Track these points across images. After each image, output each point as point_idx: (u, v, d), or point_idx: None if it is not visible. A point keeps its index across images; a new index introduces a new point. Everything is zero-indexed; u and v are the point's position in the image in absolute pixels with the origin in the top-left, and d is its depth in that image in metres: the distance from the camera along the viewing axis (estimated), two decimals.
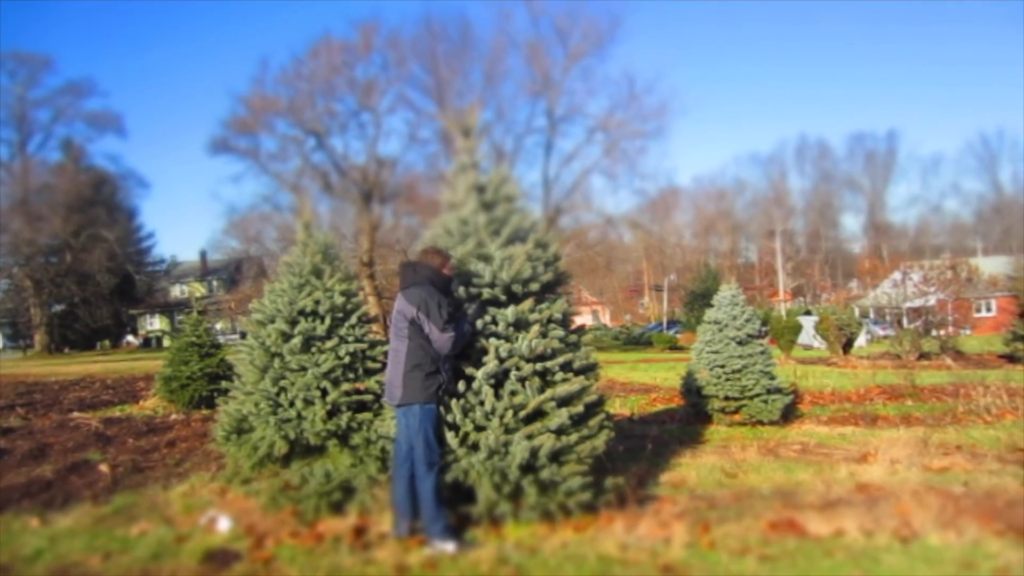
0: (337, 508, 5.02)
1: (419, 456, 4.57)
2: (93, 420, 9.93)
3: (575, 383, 4.98)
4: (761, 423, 8.63)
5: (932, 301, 25.28)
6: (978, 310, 43.48)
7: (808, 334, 26.32)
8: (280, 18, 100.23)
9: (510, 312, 4.95)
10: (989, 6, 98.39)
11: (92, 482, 6.29)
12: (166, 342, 47.60)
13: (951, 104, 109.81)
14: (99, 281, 53.78)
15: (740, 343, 8.83)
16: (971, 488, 5.56)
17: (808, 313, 36.47)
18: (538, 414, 4.82)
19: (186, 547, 4.53)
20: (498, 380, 4.86)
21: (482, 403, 4.74)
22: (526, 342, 4.87)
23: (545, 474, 4.66)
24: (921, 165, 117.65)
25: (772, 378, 8.77)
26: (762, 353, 8.84)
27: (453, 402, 4.77)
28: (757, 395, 8.64)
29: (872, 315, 37.97)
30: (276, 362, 5.52)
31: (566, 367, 5.04)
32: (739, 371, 8.68)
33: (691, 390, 9.10)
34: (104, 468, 6.75)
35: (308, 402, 5.35)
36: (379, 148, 39.54)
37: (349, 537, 4.60)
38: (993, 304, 44.43)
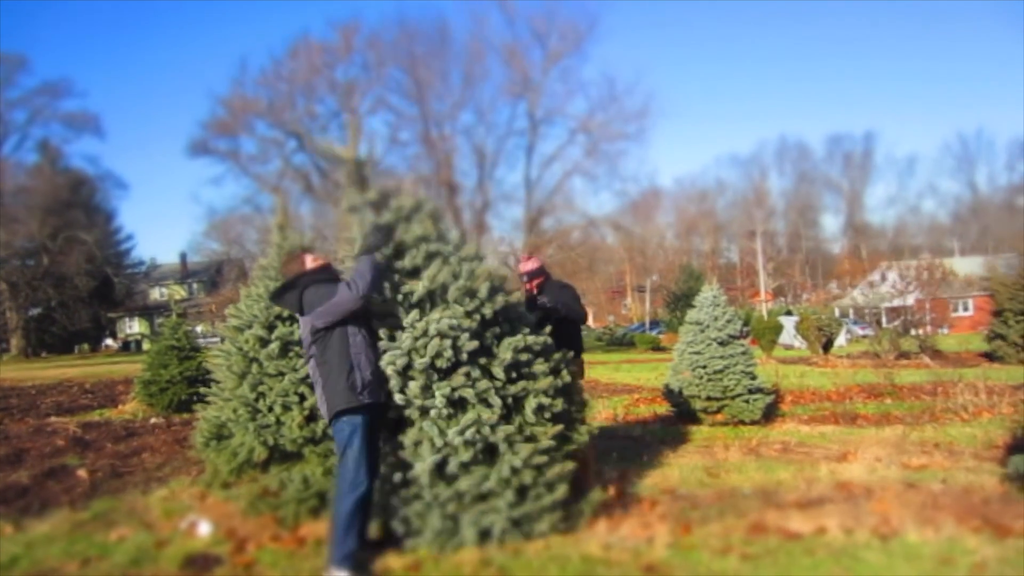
0: (316, 514, 4.98)
1: (343, 473, 4.18)
2: (71, 425, 9.80)
3: (523, 453, 4.36)
4: (743, 423, 8.68)
5: (910, 301, 25.62)
6: (955, 309, 44.22)
7: (789, 334, 26.57)
8: (259, 18, 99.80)
9: (440, 392, 4.34)
10: (967, 6, 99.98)
11: (70, 487, 6.20)
12: (145, 345, 47.18)
13: (928, 105, 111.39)
14: (77, 284, 53.20)
15: (722, 344, 8.88)
16: (949, 485, 5.62)
17: (789, 313, 36.83)
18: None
19: (166, 552, 4.48)
20: (438, 465, 4.34)
21: (421, 494, 4.37)
22: (460, 437, 4.27)
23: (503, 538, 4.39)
24: (897, 166, 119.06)
25: (753, 378, 8.83)
26: (743, 353, 8.90)
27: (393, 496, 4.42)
28: (739, 395, 8.70)
29: (852, 315, 38.36)
30: (254, 368, 5.46)
31: (511, 440, 4.42)
32: (721, 371, 8.73)
33: (673, 391, 9.14)
34: (82, 473, 6.66)
35: (286, 408, 5.30)
36: (360, 149, 39.49)
37: None
38: (970, 303, 45.12)
